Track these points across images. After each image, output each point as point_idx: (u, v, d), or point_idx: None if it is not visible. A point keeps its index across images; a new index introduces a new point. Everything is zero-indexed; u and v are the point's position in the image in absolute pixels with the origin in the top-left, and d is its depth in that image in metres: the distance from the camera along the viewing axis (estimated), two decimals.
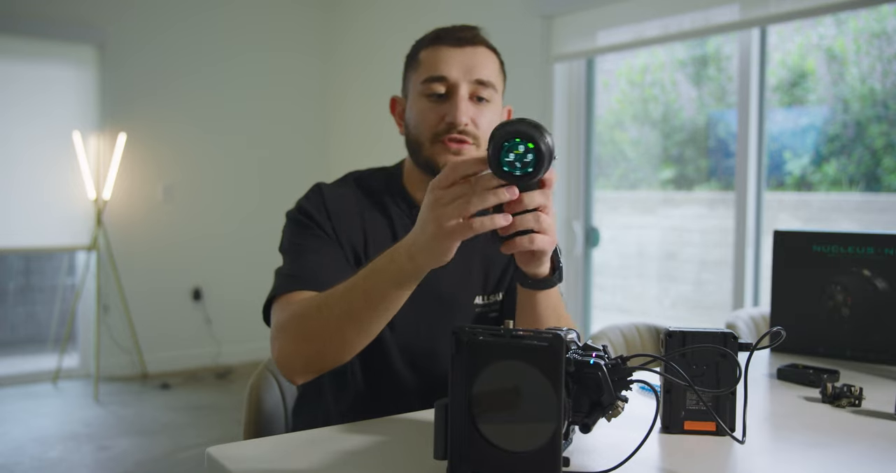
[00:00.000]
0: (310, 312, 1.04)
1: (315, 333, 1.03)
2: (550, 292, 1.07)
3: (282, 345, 1.06)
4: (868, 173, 2.83)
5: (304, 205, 1.22)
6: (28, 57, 4.32)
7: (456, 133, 1.16)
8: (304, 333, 1.04)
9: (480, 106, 1.19)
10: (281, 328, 1.07)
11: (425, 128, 1.18)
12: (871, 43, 2.83)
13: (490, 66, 1.20)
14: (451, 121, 1.16)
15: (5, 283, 5.00)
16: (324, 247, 1.18)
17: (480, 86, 1.18)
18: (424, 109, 1.19)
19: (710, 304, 3.40)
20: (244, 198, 4.99)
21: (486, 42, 1.23)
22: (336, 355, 1.04)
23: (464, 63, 1.18)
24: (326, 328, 1.02)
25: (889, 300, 1.44)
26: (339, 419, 1.18)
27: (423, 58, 1.20)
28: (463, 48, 1.19)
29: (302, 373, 1.07)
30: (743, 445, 0.92)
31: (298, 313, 1.05)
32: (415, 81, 1.21)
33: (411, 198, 1.26)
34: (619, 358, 0.82)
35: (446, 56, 1.18)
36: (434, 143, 1.18)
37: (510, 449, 0.77)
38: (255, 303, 1.27)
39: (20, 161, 4.30)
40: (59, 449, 3.27)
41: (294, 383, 1.09)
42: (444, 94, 1.18)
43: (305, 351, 1.04)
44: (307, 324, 1.03)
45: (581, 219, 3.61)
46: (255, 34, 5.03)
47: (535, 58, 3.58)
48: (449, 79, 1.17)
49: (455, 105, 1.16)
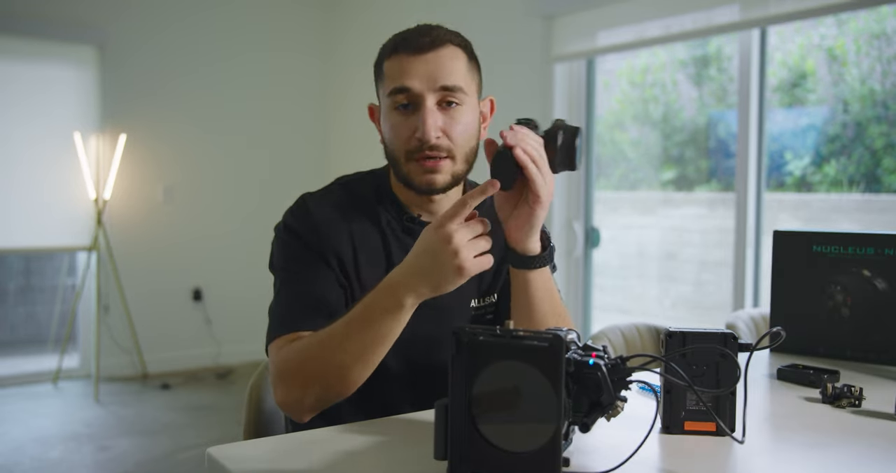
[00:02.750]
0: (310, 356, 1.05)
1: (318, 375, 1.04)
2: (543, 274, 1.10)
3: (286, 392, 1.07)
4: (868, 173, 2.83)
5: (291, 223, 1.20)
6: (28, 57, 4.32)
7: (427, 149, 1.13)
8: (306, 378, 1.05)
9: (451, 111, 1.15)
10: (282, 374, 1.07)
11: (399, 145, 1.16)
12: (871, 43, 2.83)
13: (455, 69, 1.15)
14: (421, 137, 1.13)
15: (5, 283, 5.00)
16: (314, 274, 1.16)
17: (448, 93, 1.14)
18: (396, 124, 1.16)
19: (710, 305, 3.40)
20: (244, 198, 4.99)
21: (450, 39, 1.17)
22: (342, 391, 1.06)
23: (426, 71, 1.13)
24: (330, 369, 1.03)
25: (889, 300, 1.44)
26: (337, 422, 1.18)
27: (387, 68, 1.17)
28: (423, 55, 1.14)
29: (309, 413, 1.08)
30: (743, 445, 0.92)
31: (298, 358, 1.06)
32: (382, 94, 1.19)
33: (400, 202, 1.24)
34: (618, 359, 0.82)
35: (407, 66, 1.14)
36: (409, 161, 1.16)
37: (510, 450, 0.77)
38: (256, 304, 1.27)
39: (21, 161, 4.30)
40: (60, 450, 3.27)
41: (301, 422, 1.10)
42: (411, 107, 1.15)
43: (310, 393, 1.05)
44: (309, 368, 1.04)
45: (581, 219, 3.61)
46: (255, 34, 5.03)
47: (535, 58, 3.58)
48: (413, 91, 1.13)
49: (423, 120, 1.12)
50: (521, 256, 1.09)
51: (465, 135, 1.16)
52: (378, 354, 1.04)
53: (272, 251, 1.23)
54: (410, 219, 1.23)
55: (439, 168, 1.15)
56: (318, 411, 1.09)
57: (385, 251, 1.22)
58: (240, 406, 1.41)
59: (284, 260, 1.20)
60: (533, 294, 1.10)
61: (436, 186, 1.16)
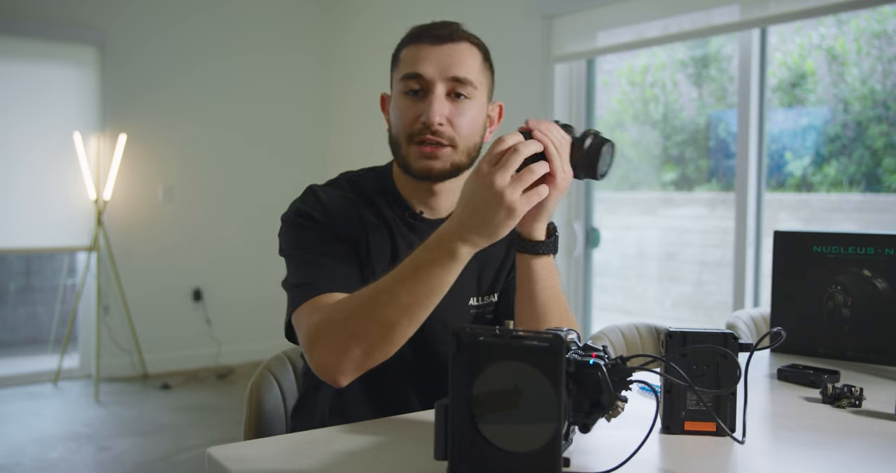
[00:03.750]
0: (352, 314, 1.01)
1: (362, 333, 1.00)
2: (547, 263, 1.11)
3: (325, 351, 1.03)
4: (868, 174, 2.83)
5: (302, 207, 1.20)
6: (28, 57, 4.32)
7: (429, 134, 1.15)
8: (349, 336, 1.01)
9: (459, 103, 1.17)
10: (319, 334, 1.04)
11: (403, 127, 1.18)
12: (871, 43, 2.83)
13: (469, 62, 1.17)
14: (425, 120, 1.15)
15: (6, 284, 5.00)
16: (332, 246, 1.17)
17: (458, 84, 1.16)
18: (403, 107, 1.18)
19: (710, 305, 3.40)
20: (244, 198, 4.99)
21: (468, 37, 1.20)
22: (388, 349, 1.03)
23: (440, 60, 1.16)
24: (374, 327, 1.00)
25: (889, 300, 1.44)
26: (337, 420, 1.18)
27: (403, 56, 1.20)
28: (440, 45, 1.17)
29: (351, 374, 1.04)
30: (743, 445, 0.92)
31: (339, 317, 1.03)
32: (395, 79, 1.21)
33: (403, 199, 1.25)
34: (619, 359, 0.82)
35: (423, 53, 1.17)
36: (409, 144, 1.17)
37: (510, 450, 0.77)
38: (256, 304, 1.26)
39: (21, 162, 4.30)
40: (60, 450, 3.27)
41: (339, 385, 1.05)
42: (421, 93, 1.17)
43: (354, 351, 1.01)
44: (352, 327, 1.01)
45: (582, 219, 3.61)
46: (255, 34, 5.03)
47: (535, 58, 3.58)
48: (424, 77, 1.16)
49: (429, 104, 1.15)
50: (527, 241, 1.10)
51: (469, 129, 1.18)
52: (427, 309, 1.01)
53: (281, 238, 1.22)
54: (412, 215, 1.23)
55: (438, 154, 1.16)
56: (359, 374, 1.04)
57: (392, 245, 1.22)
58: (240, 406, 1.41)
59: (297, 239, 1.18)
60: (537, 282, 1.11)
61: (432, 172, 1.17)
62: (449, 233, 0.98)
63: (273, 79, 5.10)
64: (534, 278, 1.11)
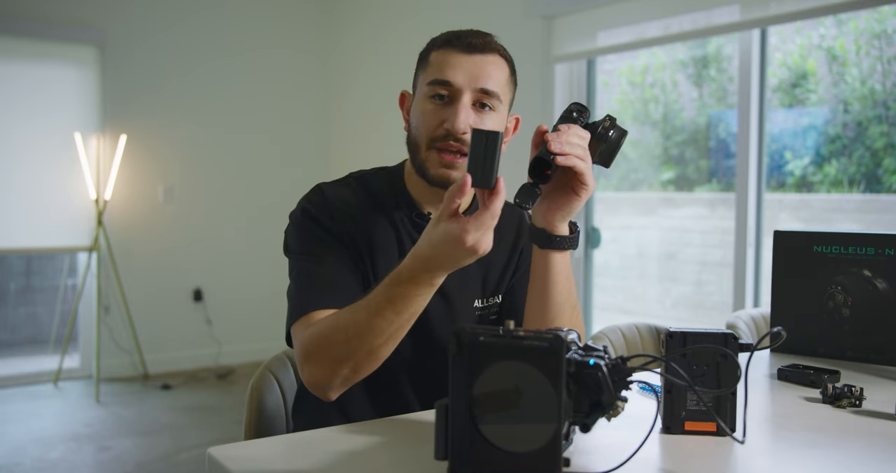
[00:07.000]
0: (336, 335, 1.05)
1: (347, 354, 1.04)
2: (565, 257, 1.14)
3: (314, 370, 1.07)
4: (868, 174, 2.83)
5: (308, 207, 1.21)
6: (29, 58, 4.32)
7: (452, 140, 1.16)
8: (334, 356, 1.05)
9: (483, 114, 1.18)
10: (309, 353, 1.08)
11: (425, 131, 1.18)
12: (871, 43, 2.83)
13: (497, 76, 1.19)
14: (450, 127, 1.15)
15: (6, 284, 5.00)
16: (333, 253, 1.18)
17: (484, 95, 1.17)
18: (427, 111, 1.18)
19: (710, 305, 3.40)
20: (245, 198, 4.99)
21: (499, 49, 1.21)
22: (370, 367, 1.07)
23: (471, 70, 1.17)
24: (359, 347, 1.04)
25: (889, 300, 1.44)
26: (337, 420, 1.18)
27: (433, 59, 1.20)
28: (472, 55, 1.18)
29: (339, 389, 1.09)
30: (743, 445, 0.92)
31: (324, 336, 1.06)
32: (422, 81, 1.21)
33: (413, 200, 1.25)
34: (619, 359, 0.82)
35: (455, 61, 1.17)
36: (429, 149, 1.18)
37: (510, 450, 0.77)
38: (256, 304, 1.27)
39: (21, 162, 4.30)
40: (60, 450, 3.27)
41: (329, 400, 1.11)
42: (447, 99, 1.17)
43: (340, 371, 1.06)
44: (336, 348, 1.05)
45: (582, 219, 3.61)
46: (255, 34, 5.03)
47: (535, 58, 3.58)
48: (454, 85, 1.16)
49: (456, 112, 1.15)
50: (549, 235, 1.12)
51: None
52: (406, 329, 1.05)
53: (287, 236, 1.24)
54: (420, 215, 1.24)
55: (457, 164, 1.17)
56: (347, 387, 1.10)
57: (398, 245, 1.23)
58: (240, 406, 1.42)
59: (301, 243, 1.20)
60: (554, 278, 1.13)
61: (450, 181, 1.17)
62: (416, 270, 1.00)
63: (273, 79, 5.10)
64: (552, 271, 1.13)
